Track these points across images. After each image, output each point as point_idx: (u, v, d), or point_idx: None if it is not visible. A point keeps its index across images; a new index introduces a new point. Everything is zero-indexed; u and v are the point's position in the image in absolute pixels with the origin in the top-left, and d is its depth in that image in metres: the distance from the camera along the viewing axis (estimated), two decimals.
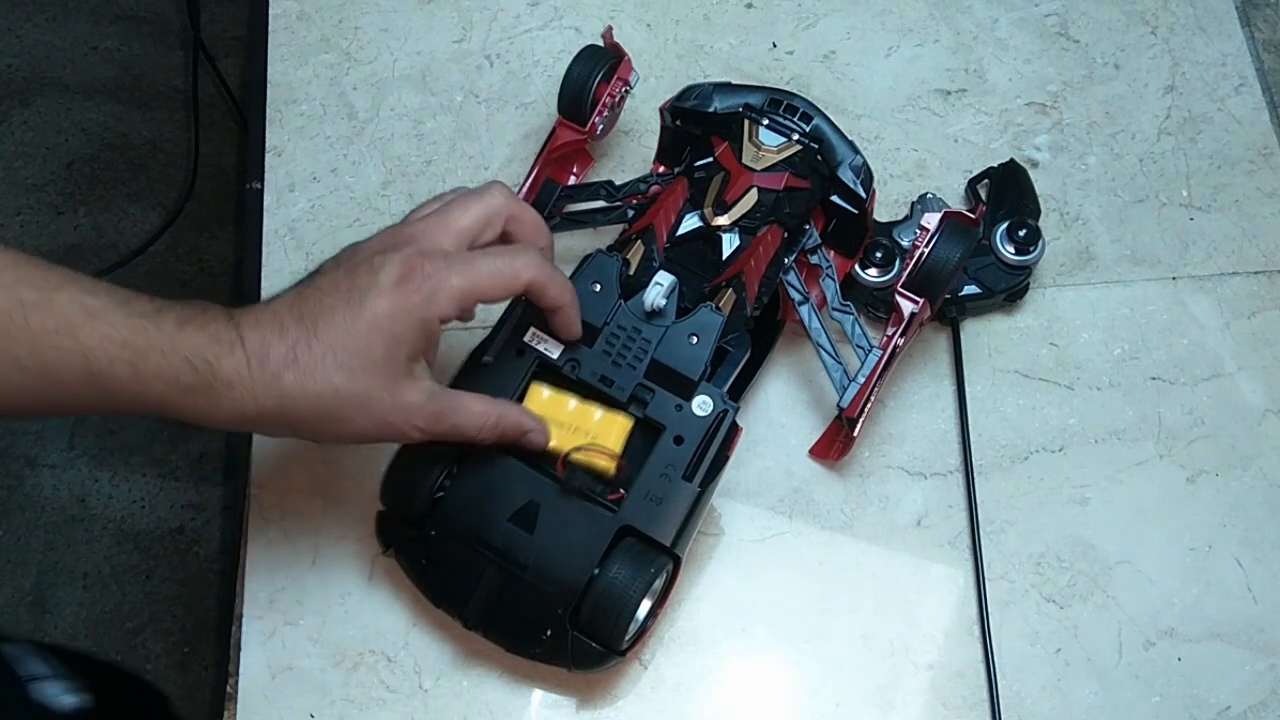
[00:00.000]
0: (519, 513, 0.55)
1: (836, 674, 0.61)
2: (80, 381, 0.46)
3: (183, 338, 0.46)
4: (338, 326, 0.48)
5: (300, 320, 0.48)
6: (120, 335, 0.45)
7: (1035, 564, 0.63)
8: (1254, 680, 0.60)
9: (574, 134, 0.66)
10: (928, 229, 0.58)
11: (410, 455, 0.56)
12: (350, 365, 0.48)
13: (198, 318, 0.47)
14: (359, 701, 0.60)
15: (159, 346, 0.46)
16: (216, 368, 0.46)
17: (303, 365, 0.48)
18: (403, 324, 0.49)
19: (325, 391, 0.48)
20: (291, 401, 0.48)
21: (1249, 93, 0.75)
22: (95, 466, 1.34)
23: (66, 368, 0.45)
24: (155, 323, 0.46)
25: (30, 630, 1.27)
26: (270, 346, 0.47)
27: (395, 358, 0.49)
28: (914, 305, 0.58)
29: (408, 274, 0.49)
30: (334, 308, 0.49)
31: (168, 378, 0.46)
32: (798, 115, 0.62)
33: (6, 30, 1.55)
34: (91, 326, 0.45)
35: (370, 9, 0.79)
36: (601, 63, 0.65)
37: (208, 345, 0.47)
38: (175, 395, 0.47)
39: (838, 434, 0.63)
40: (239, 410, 0.47)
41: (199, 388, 0.47)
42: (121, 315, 0.46)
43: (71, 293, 0.45)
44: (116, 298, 0.46)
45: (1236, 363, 0.67)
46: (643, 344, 0.57)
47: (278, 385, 0.47)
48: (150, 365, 0.46)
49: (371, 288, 0.49)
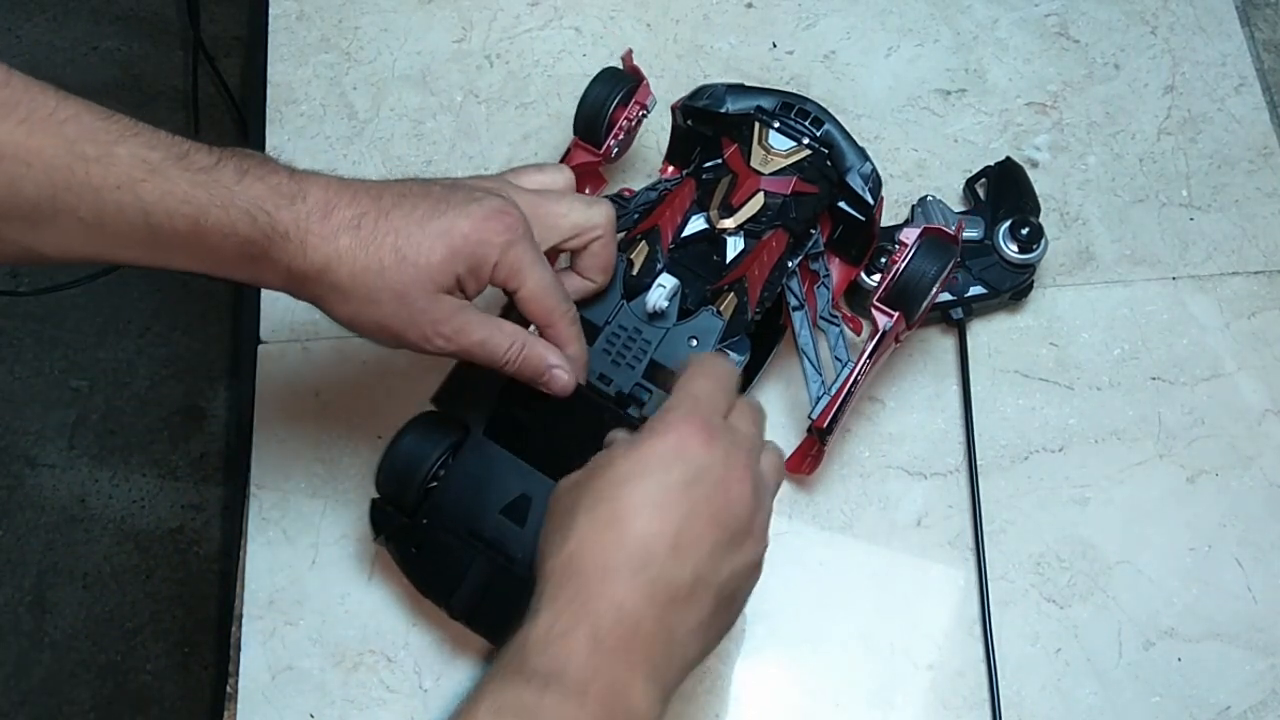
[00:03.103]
0: (511, 505, 0.55)
1: (836, 674, 0.61)
2: (139, 234, 0.46)
3: (241, 189, 0.47)
4: (412, 219, 0.49)
5: (376, 199, 0.49)
6: (180, 190, 0.46)
7: (1035, 564, 0.63)
8: (1254, 680, 0.60)
9: (589, 155, 0.65)
10: (906, 243, 0.58)
11: (406, 443, 0.56)
12: (406, 254, 0.48)
13: (256, 169, 0.48)
14: (359, 701, 0.60)
15: (219, 201, 0.46)
16: (275, 218, 0.47)
17: (362, 233, 0.48)
18: (471, 247, 0.49)
19: (373, 265, 0.48)
20: (338, 263, 0.48)
21: (1249, 93, 0.75)
22: (95, 466, 1.34)
23: (126, 222, 0.45)
24: (214, 175, 0.46)
25: (30, 630, 1.27)
26: (335, 207, 0.48)
27: (448, 270, 0.49)
28: (888, 319, 0.58)
29: (500, 215, 0.50)
30: (416, 204, 0.49)
31: (226, 230, 0.46)
32: (809, 120, 0.62)
33: (6, 30, 1.55)
34: (152, 182, 0.45)
35: (370, 9, 0.79)
36: (620, 86, 0.65)
37: (267, 196, 0.47)
38: (232, 248, 0.47)
39: (811, 447, 0.63)
40: (288, 264, 0.48)
41: (256, 239, 0.47)
42: (180, 169, 0.46)
43: (132, 146, 0.45)
44: (176, 151, 0.46)
45: (1236, 363, 0.67)
46: (643, 344, 0.57)
47: (332, 244, 0.48)
48: (210, 220, 0.46)
49: (462, 205, 0.50)
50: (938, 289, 0.58)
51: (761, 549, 0.46)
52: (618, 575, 0.41)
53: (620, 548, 0.42)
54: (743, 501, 0.44)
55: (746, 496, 0.45)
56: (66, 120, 0.44)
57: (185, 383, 1.37)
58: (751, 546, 0.45)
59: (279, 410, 0.67)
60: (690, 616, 0.43)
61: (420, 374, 0.59)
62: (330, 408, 0.67)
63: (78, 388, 1.37)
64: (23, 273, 1.41)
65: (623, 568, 0.42)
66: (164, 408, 1.36)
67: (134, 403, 1.36)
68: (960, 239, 0.59)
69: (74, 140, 0.44)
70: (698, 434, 0.44)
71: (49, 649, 1.26)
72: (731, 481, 0.44)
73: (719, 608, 0.44)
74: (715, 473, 0.44)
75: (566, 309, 0.53)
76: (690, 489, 0.43)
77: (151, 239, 0.46)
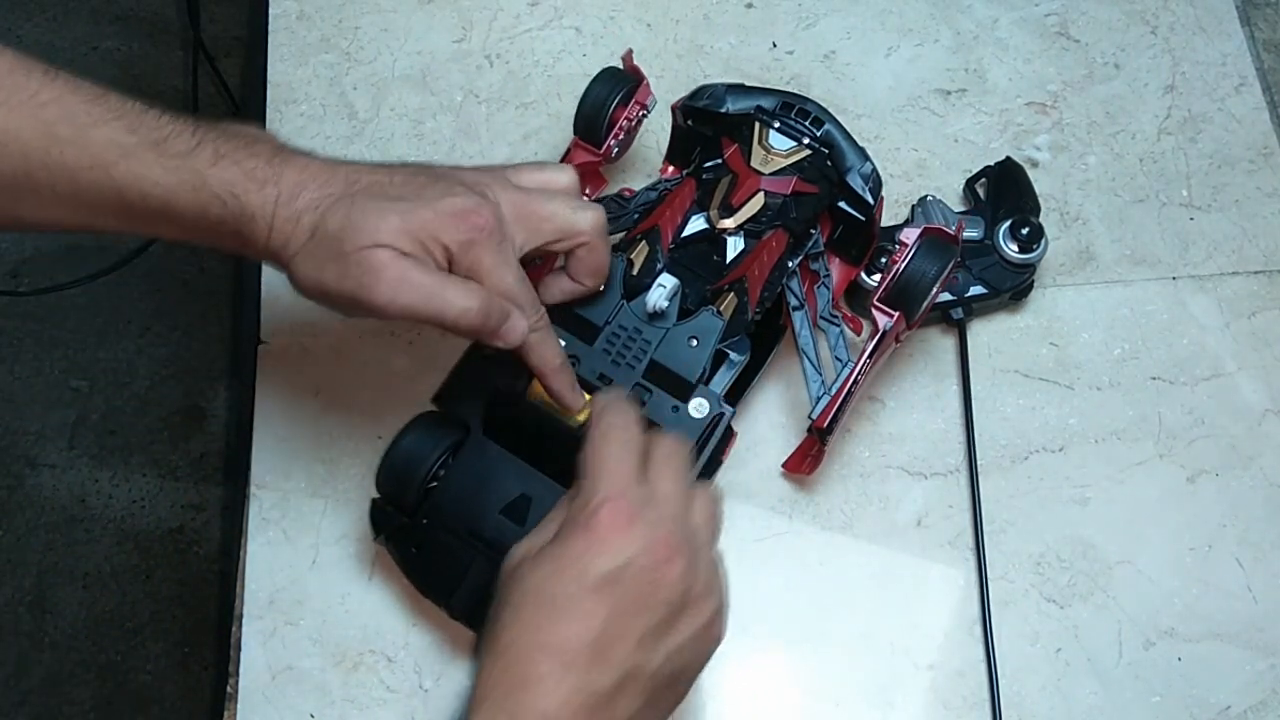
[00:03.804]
0: (511, 505, 0.55)
1: (836, 674, 0.61)
2: (114, 210, 0.49)
3: (215, 173, 0.48)
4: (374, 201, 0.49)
5: (350, 183, 0.50)
6: (153, 174, 0.48)
7: (1035, 564, 0.63)
8: (1254, 680, 0.60)
9: (589, 155, 0.65)
10: (906, 243, 0.58)
11: (406, 443, 0.57)
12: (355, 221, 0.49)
13: (235, 152, 0.49)
14: (359, 701, 0.60)
15: (190, 184, 0.48)
16: (244, 201, 0.49)
17: (321, 212, 0.49)
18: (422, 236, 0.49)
19: (323, 233, 0.49)
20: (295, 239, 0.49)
21: (1249, 92, 0.75)
22: (95, 466, 1.34)
23: (101, 198, 0.48)
24: (188, 160, 0.48)
25: (30, 630, 1.27)
26: (304, 189, 0.49)
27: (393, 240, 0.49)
28: (889, 319, 0.58)
29: (465, 215, 0.50)
30: (386, 190, 0.50)
31: (197, 212, 0.49)
32: (809, 120, 0.62)
33: (6, 30, 1.55)
34: (125, 165, 0.48)
35: (370, 9, 0.79)
36: (620, 86, 0.65)
37: (239, 180, 0.49)
38: (207, 227, 0.49)
39: (811, 447, 0.63)
40: (261, 243, 0.50)
41: (227, 220, 0.49)
42: (155, 154, 0.48)
43: (109, 130, 0.48)
44: (155, 135, 0.48)
45: (1236, 363, 0.67)
46: (643, 344, 0.57)
47: (295, 224, 0.49)
48: (181, 202, 0.48)
49: (432, 199, 0.50)
50: (938, 289, 0.58)
51: (709, 610, 0.45)
52: (543, 684, 0.41)
53: (544, 654, 0.42)
54: (671, 582, 0.44)
55: (675, 575, 0.44)
56: (47, 103, 0.47)
57: (185, 383, 1.37)
58: (690, 619, 0.45)
59: (279, 410, 0.67)
60: (621, 712, 0.43)
61: (420, 374, 0.59)
62: (330, 408, 0.67)
63: (78, 388, 1.37)
64: (23, 273, 1.41)
65: (547, 677, 0.42)
66: (164, 408, 1.36)
67: (134, 403, 1.36)
68: (960, 239, 0.59)
69: (51, 123, 0.47)
70: (615, 522, 0.43)
71: (49, 649, 1.26)
72: (657, 566, 0.43)
73: (657, 693, 0.44)
74: (638, 563, 0.43)
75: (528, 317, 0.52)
76: (612, 587, 0.43)
77: (129, 214, 0.49)
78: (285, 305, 0.69)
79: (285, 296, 0.51)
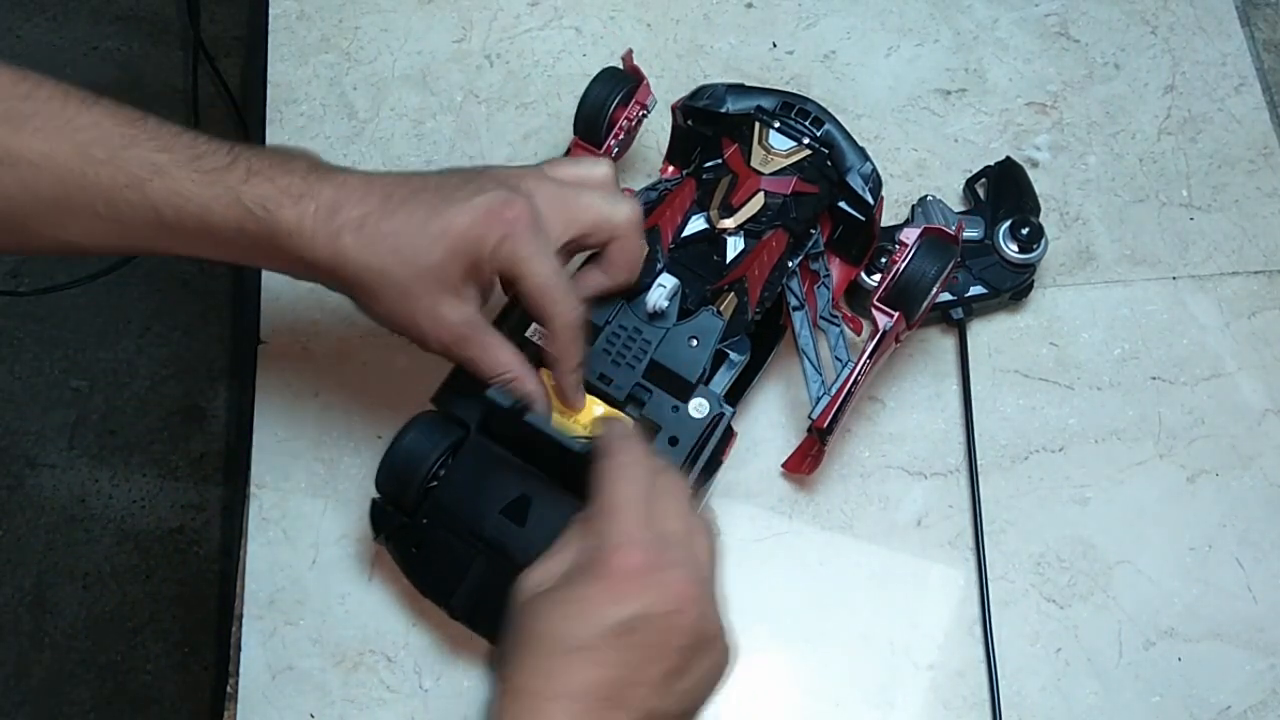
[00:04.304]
0: (511, 505, 0.55)
1: (836, 674, 0.61)
2: (153, 228, 0.50)
3: (248, 189, 0.49)
4: (413, 221, 0.50)
5: (386, 198, 0.50)
6: (186, 190, 0.49)
7: (1035, 564, 0.63)
8: (1254, 680, 0.60)
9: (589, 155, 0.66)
10: (906, 243, 0.58)
11: (406, 443, 0.57)
12: (405, 256, 0.50)
13: (269, 169, 0.50)
14: (359, 701, 0.60)
15: (224, 199, 0.49)
16: (277, 216, 0.49)
17: (364, 233, 0.50)
18: (466, 245, 0.50)
19: (374, 265, 0.50)
20: (343, 261, 0.50)
21: (1249, 93, 0.75)
22: (95, 466, 1.34)
23: (139, 217, 0.49)
24: (222, 176, 0.49)
25: (30, 630, 1.27)
26: (341, 206, 0.50)
27: (448, 271, 0.50)
28: (889, 319, 0.58)
29: (499, 210, 0.50)
30: (421, 203, 0.50)
31: (234, 226, 0.49)
32: (809, 120, 0.62)
33: (6, 30, 1.55)
34: (159, 181, 0.49)
35: (370, 9, 0.79)
36: (620, 86, 0.65)
37: (272, 195, 0.49)
38: (245, 242, 0.50)
39: (810, 447, 0.62)
40: (301, 256, 0.50)
41: (263, 234, 0.50)
42: (188, 172, 0.49)
43: (144, 150, 0.49)
44: (189, 153, 0.50)
45: (1236, 363, 0.67)
46: (643, 344, 0.57)
47: (336, 242, 0.49)
48: (216, 216, 0.49)
49: (464, 201, 0.50)
50: (938, 289, 0.58)
51: (720, 649, 0.45)
52: None
53: (559, 703, 0.41)
54: (685, 629, 0.43)
55: (689, 622, 0.43)
56: (83, 127, 0.49)
57: (185, 383, 1.37)
58: (702, 660, 0.44)
59: (279, 410, 0.67)
60: None
61: (420, 374, 0.59)
62: (330, 408, 0.67)
63: (78, 388, 1.37)
64: (23, 273, 1.41)
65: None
66: (164, 408, 1.36)
67: (134, 403, 1.36)
68: (960, 239, 0.59)
69: (86, 145, 0.49)
70: (629, 570, 0.43)
71: (49, 649, 1.26)
72: (671, 614, 0.43)
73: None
74: (654, 611, 0.43)
75: (564, 309, 0.52)
76: (629, 636, 0.42)
77: (167, 232, 0.50)
78: (285, 305, 0.69)
79: (285, 296, 0.51)
